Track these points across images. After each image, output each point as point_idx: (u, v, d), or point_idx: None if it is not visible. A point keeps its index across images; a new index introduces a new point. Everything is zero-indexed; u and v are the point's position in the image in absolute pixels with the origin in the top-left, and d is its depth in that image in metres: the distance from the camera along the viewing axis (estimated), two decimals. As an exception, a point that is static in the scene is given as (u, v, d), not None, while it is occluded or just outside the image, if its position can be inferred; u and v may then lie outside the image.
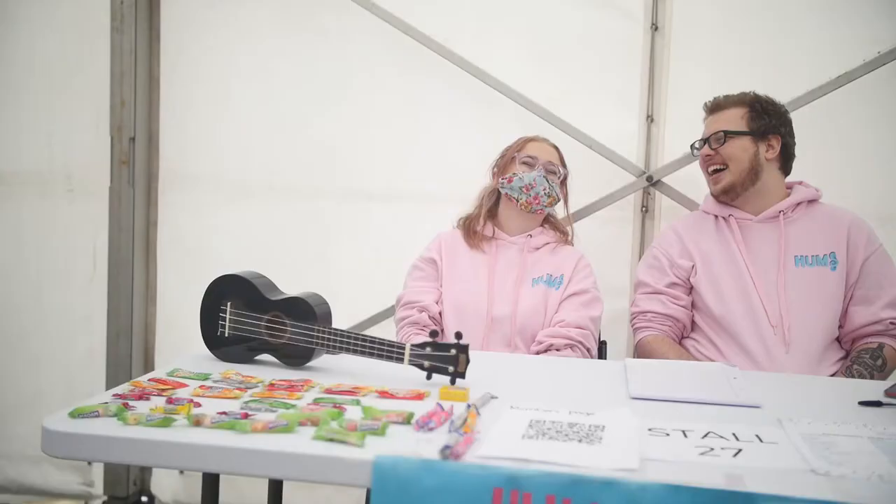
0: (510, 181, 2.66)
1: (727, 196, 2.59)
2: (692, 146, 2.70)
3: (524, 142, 2.75)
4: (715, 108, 2.65)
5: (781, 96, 2.74)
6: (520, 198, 2.65)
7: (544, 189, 2.63)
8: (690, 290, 2.59)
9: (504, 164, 2.74)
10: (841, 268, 2.48)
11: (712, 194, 2.64)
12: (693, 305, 2.61)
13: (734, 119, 2.59)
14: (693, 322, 2.62)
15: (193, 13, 3.50)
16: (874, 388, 1.91)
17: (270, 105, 3.48)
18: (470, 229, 2.73)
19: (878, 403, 1.76)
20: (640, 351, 2.60)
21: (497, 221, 2.75)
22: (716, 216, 2.63)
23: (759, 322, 2.45)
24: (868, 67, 3.03)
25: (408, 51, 3.32)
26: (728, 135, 2.56)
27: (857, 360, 2.39)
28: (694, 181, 3.20)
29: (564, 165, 2.76)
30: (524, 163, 2.68)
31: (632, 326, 2.68)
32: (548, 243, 2.70)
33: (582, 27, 3.26)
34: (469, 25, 3.32)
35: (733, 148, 2.56)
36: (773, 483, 1.24)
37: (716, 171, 2.60)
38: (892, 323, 2.45)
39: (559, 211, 2.83)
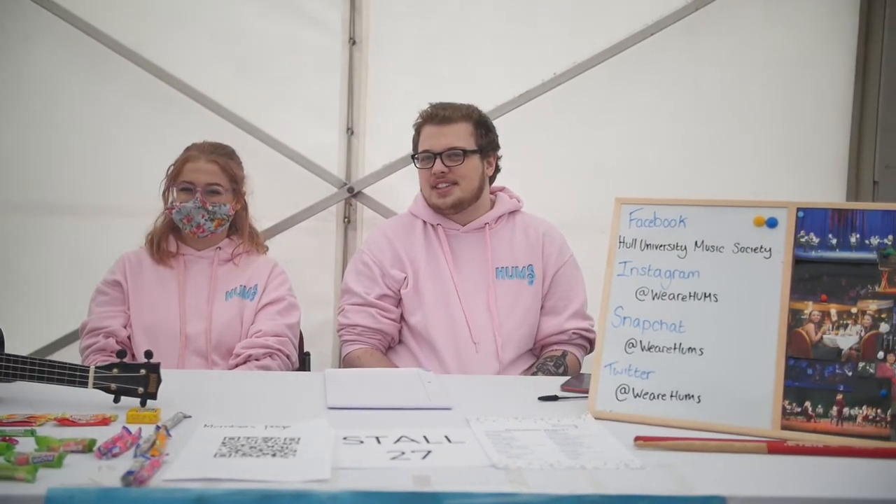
0: (170, 211, 2.54)
1: (453, 210, 2.56)
2: (413, 156, 2.59)
3: (182, 162, 2.56)
4: (442, 120, 2.53)
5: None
6: (184, 228, 2.54)
7: (203, 217, 2.51)
8: (399, 301, 2.58)
9: (170, 179, 2.57)
10: (537, 282, 2.58)
11: (436, 206, 2.56)
12: (400, 317, 2.59)
13: (464, 136, 2.53)
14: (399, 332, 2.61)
15: None
16: (553, 384, 2.06)
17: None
18: (155, 245, 2.57)
19: (554, 398, 1.91)
20: (348, 364, 2.55)
21: (182, 236, 2.60)
22: (424, 222, 2.61)
23: (460, 336, 2.51)
24: (545, 87, 3.30)
25: (93, 54, 3.14)
26: (466, 154, 2.51)
27: (541, 367, 2.51)
28: (393, 192, 3.31)
29: (233, 175, 2.59)
30: (183, 189, 2.53)
31: (340, 337, 2.62)
32: (239, 254, 2.61)
33: (281, 38, 3.26)
34: (162, 31, 3.21)
35: (467, 167, 2.52)
36: (458, 481, 1.30)
37: (445, 186, 2.52)
38: (574, 333, 2.59)
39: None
